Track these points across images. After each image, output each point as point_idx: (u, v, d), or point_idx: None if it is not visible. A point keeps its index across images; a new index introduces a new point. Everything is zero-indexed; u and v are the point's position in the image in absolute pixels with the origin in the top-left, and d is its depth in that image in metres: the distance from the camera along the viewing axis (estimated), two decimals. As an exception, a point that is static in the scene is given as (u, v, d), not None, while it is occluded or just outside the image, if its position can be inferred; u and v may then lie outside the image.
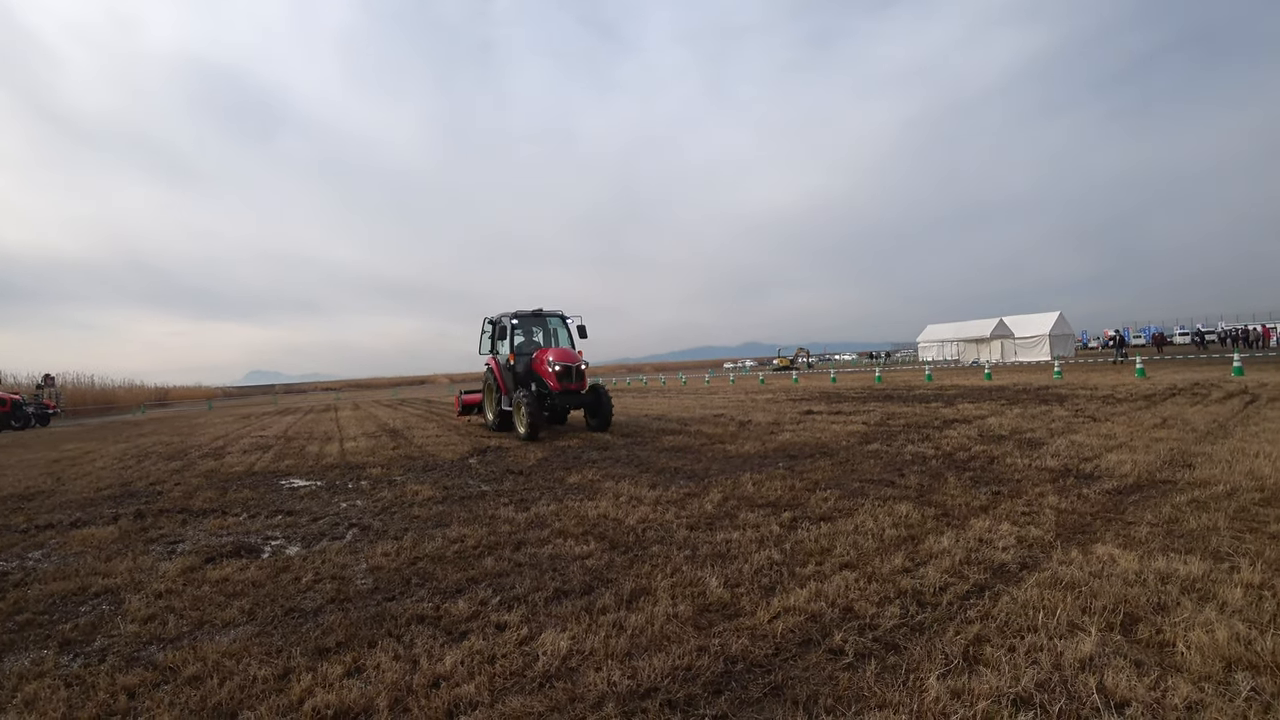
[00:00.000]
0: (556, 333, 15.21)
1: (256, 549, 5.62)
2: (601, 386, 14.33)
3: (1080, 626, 3.20)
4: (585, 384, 13.51)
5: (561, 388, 12.98)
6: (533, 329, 15.09)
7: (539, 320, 15.09)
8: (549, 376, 12.98)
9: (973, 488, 6.39)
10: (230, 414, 35.41)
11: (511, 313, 14.34)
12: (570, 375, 13.07)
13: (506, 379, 14.25)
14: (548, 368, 12.97)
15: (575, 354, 13.62)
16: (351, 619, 3.86)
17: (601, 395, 13.85)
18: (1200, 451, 7.54)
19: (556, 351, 13.44)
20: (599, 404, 13.76)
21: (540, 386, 13.39)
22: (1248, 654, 2.84)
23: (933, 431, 10.78)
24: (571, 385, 13.09)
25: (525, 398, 12.58)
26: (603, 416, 13.78)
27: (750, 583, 4.07)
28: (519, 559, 4.88)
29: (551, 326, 15.23)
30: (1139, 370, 22.44)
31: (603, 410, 13.76)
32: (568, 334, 14.95)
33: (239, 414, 34.84)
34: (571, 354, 13.53)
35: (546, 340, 15.18)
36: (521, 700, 2.82)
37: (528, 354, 14.06)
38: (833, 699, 2.70)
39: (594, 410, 14.04)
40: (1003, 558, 4.28)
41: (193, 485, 9.30)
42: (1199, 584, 3.65)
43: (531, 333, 15.05)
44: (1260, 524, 4.73)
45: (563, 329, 15.14)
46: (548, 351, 13.44)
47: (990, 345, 47.28)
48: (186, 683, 3.16)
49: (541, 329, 15.24)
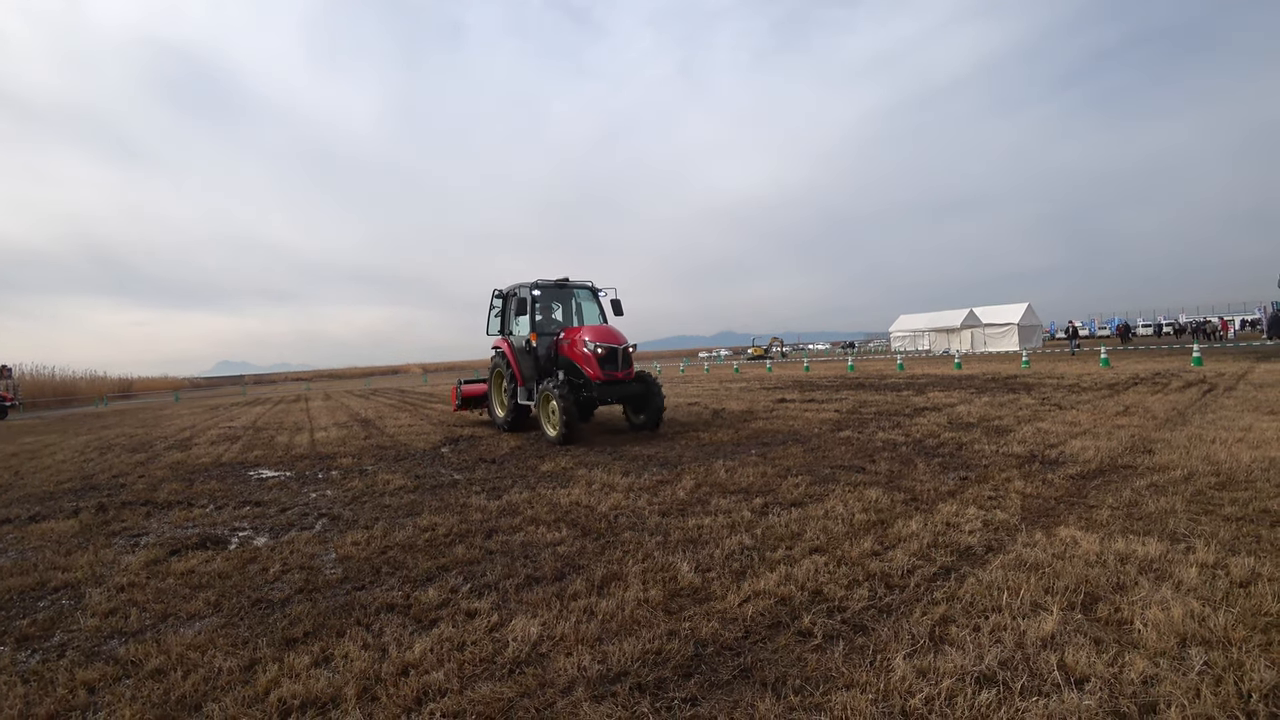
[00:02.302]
0: (581, 309, 12.64)
1: (223, 540, 5.53)
2: (650, 375, 11.44)
3: (1043, 606, 3.27)
4: (633, 371, 10.91)
5: (605, 376, 10.39)
6: (552, 304, 12.48)
7: (562, 293, 12.43)
8: (585, 361, 10.41)
9: (941, 473, 6.50)
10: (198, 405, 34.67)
11: (531, 283, 11.47)
12: (615, 360, 10.48)
13: (524, 365, 11.51)
14: (584, 350, 10.42)
15: (619, 334, 10.90)
16: (320, 609, 3.82)
17: (651, 386, 11.12)
18: (1160, 438, 7.73)
19: (596, 330, 10.82)
20: (649, 396, 11.11)
21: (571, 374, 10.78)
22: (1201, 630, 2.93)
23: (903, 419, 10.92)
24: (617, 373, 10.48)
25: (559, 389, 9.94)
26: (653, 412, 11.12)
27: (721, 567, 4.10)
28: (490, 547, 4.86)
29: (577, 301, 12.62)
30: (1103, 360, 22.94)
31: (653, 404, 11.10)
32: (598, 311, 12.31)
33: (207, 405, 34.14)
34: (616, 333, 10.85)
35: (567, 318, 12.62)
36: (491, 686, 2.81)
37: (552, 334, 11.53)
38: (801, 680, 2.73)
39: (641, 403, 11.40)
40: (969, 541, 4.36)
41: (158, 477, 9.10)
42: (1156, 564, 3.76)
43: (550, 309, 12.43)
44: (1215, 506, 4.88)
45: (591, 305, 12.49)
46: (582, 330, 10.86)
47: (961, 335, 48.00)
48: (149, 676, 3.10)
49: (563, 305, 12.64)
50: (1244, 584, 3.41)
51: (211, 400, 42.32)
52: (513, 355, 11.63)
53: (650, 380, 11.16)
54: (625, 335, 10.92)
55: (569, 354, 10.82)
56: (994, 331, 46.83)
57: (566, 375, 10.72)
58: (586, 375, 10.44)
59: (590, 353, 10.33)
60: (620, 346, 10.53)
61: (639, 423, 11.46)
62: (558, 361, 11.15)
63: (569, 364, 10.84)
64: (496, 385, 13.06)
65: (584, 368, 10.46)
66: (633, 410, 11.70)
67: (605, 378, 10.37)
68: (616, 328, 11.31)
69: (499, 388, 12.98)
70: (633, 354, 10.90)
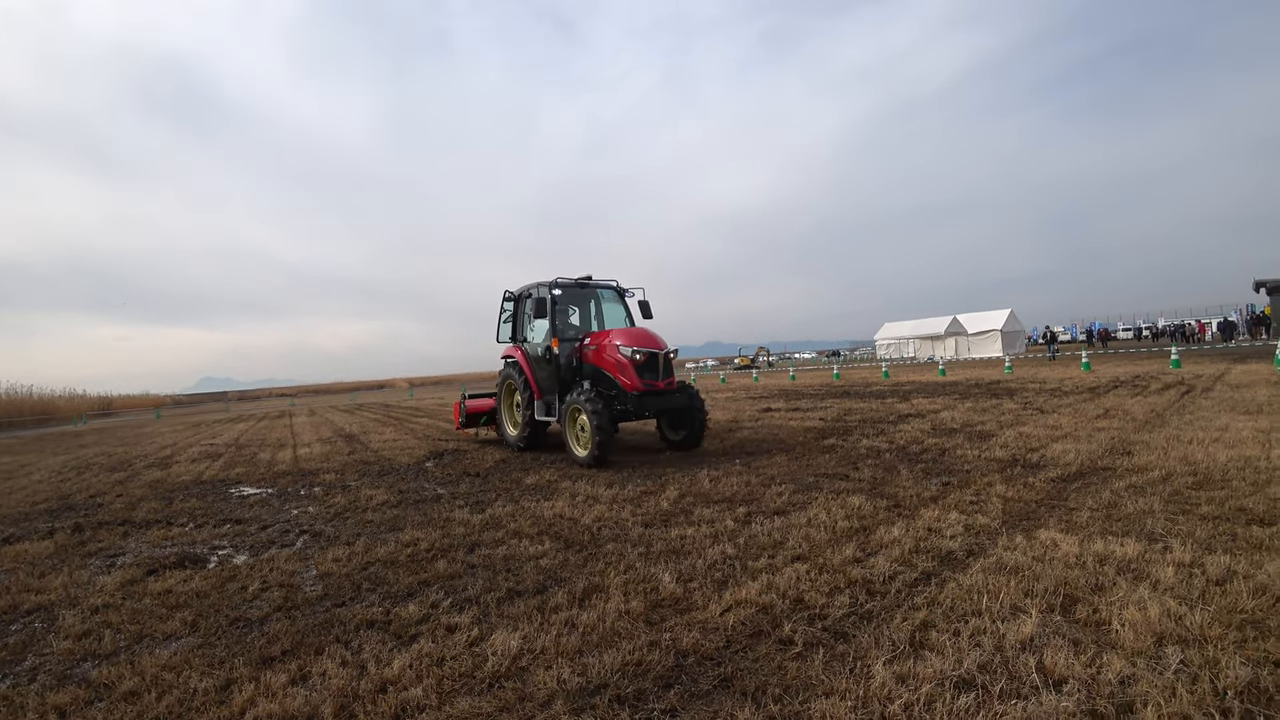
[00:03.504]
0: (603, 313, 11.21)
1: (202, 559, 5.45)
2: (690, 385, 10.09)
3: (1022, 609, 3.28)
4: (675, 380, 9.61)
5: (644, 386, 9.02)
6: (569, 307, 10.99)
7: (584, 294, 11.00)
8: (618, 369, 9.07)
9: (924, 479, 6.53)
10: (180, 422, 34.23)
11: (550, 281, 10.12)
12: (656, 368, 9.19)
13: (541, 375, 10.26)
14: (618, 356, 9.06)
15: (658, 337, 9.51)
16: (299, 626, 3.77)
17: (695, 398, 9.70)
18: (1139, 440, 7.82)
19: (630, 333, 9.44)
20: (691, 410, 9.70)
21: (599, 384, 9.37)
22: (1178, 629, 2.95)
23: (887, 426, 10.97)
24: (658, 382, 9.14)
25: (591, 403, 8.59)
26: (695, 427, 9.71)
27: (703, 577, 4.08)
28: (473, 561, 4.82)
29: (600, 303, 11.21)
30: (1084, 364, 23.21)
31: (695, 418, 9.69)
32: (624, 314, 11.02)
33: (189, 422, 33.72)
34: (654, 336, 9.46)
35: (585, 322, 11.19)
36: (470, 701, 2.78)
37: (573, 339, 10.19)
38: (780, 689, 2.72)
39: (682, 418, 9.98)
40: (950, 546, 4.38)
41: (136, 496, 8.96)
42: (1134, 564, 3.78)
43: (567, 312, 10.96)
44: (1192, 506, 4.93)
45: (615, 307, 11.13)
46: (613, 334, 9.45)
47: (945, 342, 48.40)
48: (122, 698, 3.04)
49: (581, 307, 11.20)
50: (1220, 582, 3.44)
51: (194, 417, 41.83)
52: (528, 364, 10.45)
53: (692, 391, 9.74)
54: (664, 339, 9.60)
55: (596, 361, 9.50)
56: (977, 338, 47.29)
57: (591, 385, 9.28)
58: (620, 385, 9.06)
59: (627, 359, 8.99)
60: (662, 352, 9.25)
61: (677, 440, 10.04)
62: (582, 370, 9.87)
63: (596, 373, 9.53)
64: (507, 399, 11.70)
65: (617, 377, 9.09)
66: (669, 425, 10.31)
67: (644, 388, 9.01)
68: (653, 330, 9.85)
69: (510, 402, 11.67)
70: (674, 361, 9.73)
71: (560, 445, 10.64)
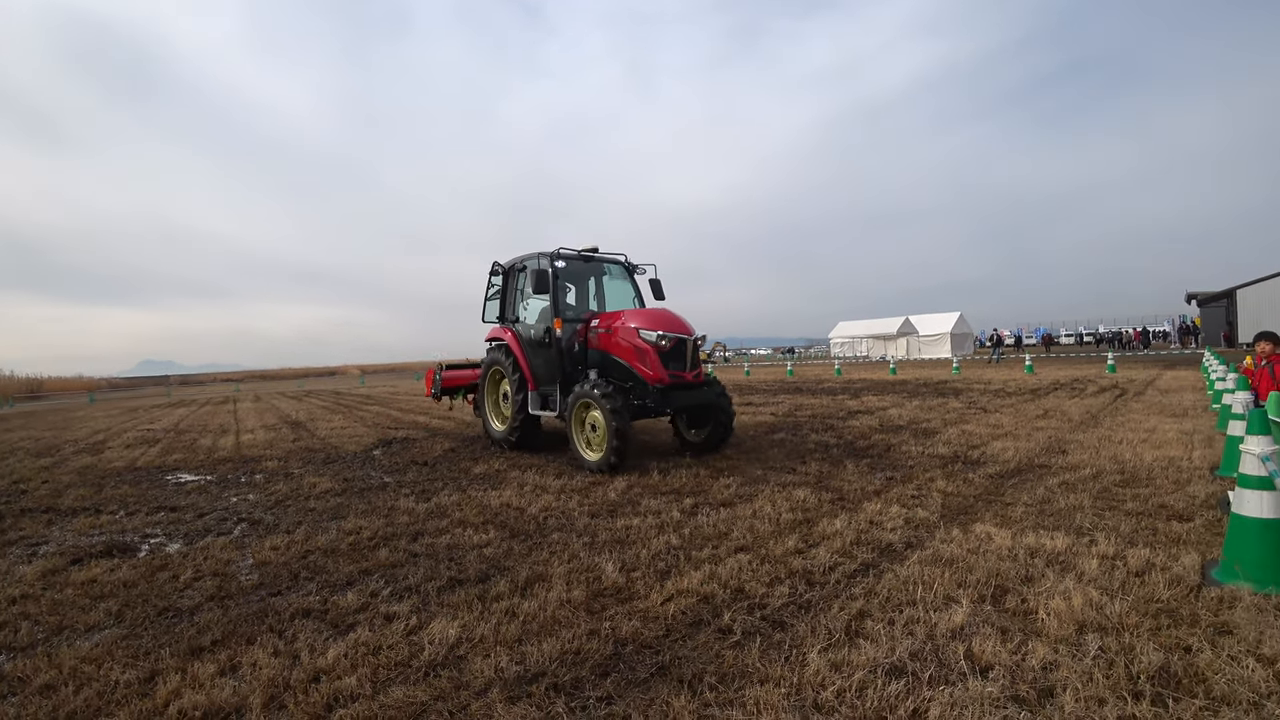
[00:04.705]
0: (604, 291, 9.59)
1: (132, 548, 5.24)
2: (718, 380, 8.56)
3: (954, 599, 3.37)
4: (703, 372, 8.23)
5: (670, 378, 7.59)
6: (565, 285, 9.19)
7: (587, 268, 9.36)
8: (636, 357, 7.61)
9: (869, 473, 6.66)
10: (116, 407, 32.81)
11: (551, 252, 8.47)
12: (683, 356, 7.77)
13: (537, 362, 8.70)
14: (637, 341, 7.60)
15: (683, 319, 8.07)
16: (231, 616, 3.67)
17: (723, 394, 8.31)
18: (1073, 439, 8.12)
19: (650, 314, 7.99)
20: (719, 406, 8.24)
21: (615, 375, 7.88)
22: (1098, 617, 3.06)
23: (837, 422, 11.16)
24: (684, 373, 7.74)
25: (609, 398, 7.13)
26: (721, 425, 8.32)
27: (646, 567, 4.09)
28: (415, 549, 4.75)
29: (605, 280, 9.61)
30: (1028, 366, 24.01)
31: (724, 415, 8.27)
32: (633, 294, 9.41)
33: (126, 407, 32.36)
34: (679, 319, 8.01)
35: (583, 302, 9.46)
36: (404, 690, 2.74)
37: (577, 320, 8.64)
38: (717, 676, 2.74)
39: (706, 415, 8.47)
40: (890, 538, 4.47)
41: (63, 483, 8.57)
42: (1062, 557, 3.92)
43: (564, 290, 9.16)
44: (1118, 502, 5.14)
45: (623, 285, 9.49)
46: (627, 315, 8.01)
47: (897, 342, 49.52)
48: (37, 693, 2.89)
49: (578, 286, 9.49)
50: (1139, 573, 3.59)
51: (131, 402, 40.18)
52: (520, 349, 8.85)
53: (720, 386, 8.38)
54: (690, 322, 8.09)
55: (606, 346, 8.03)
56: (928, 339, 48.48)
57: (602, 374, 7.86)
58: (639, 376, 7.61)
59: (649, 345, 7.52)
60: (690, 337, 7.83)
61: (696, 440, 8.55)
62: (587, 358, 8.39)
63: (605, 361, 8.06)
64: (492, 389, 9.95)
65: (635, 366, 7.63)
66: (691, 424, 8.76)
67: (670, 380, 7.58)
68: (676, 311, 8.29)
69: (495, 393, 9.95)
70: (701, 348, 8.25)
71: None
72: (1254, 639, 2.79)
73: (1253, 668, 2.56)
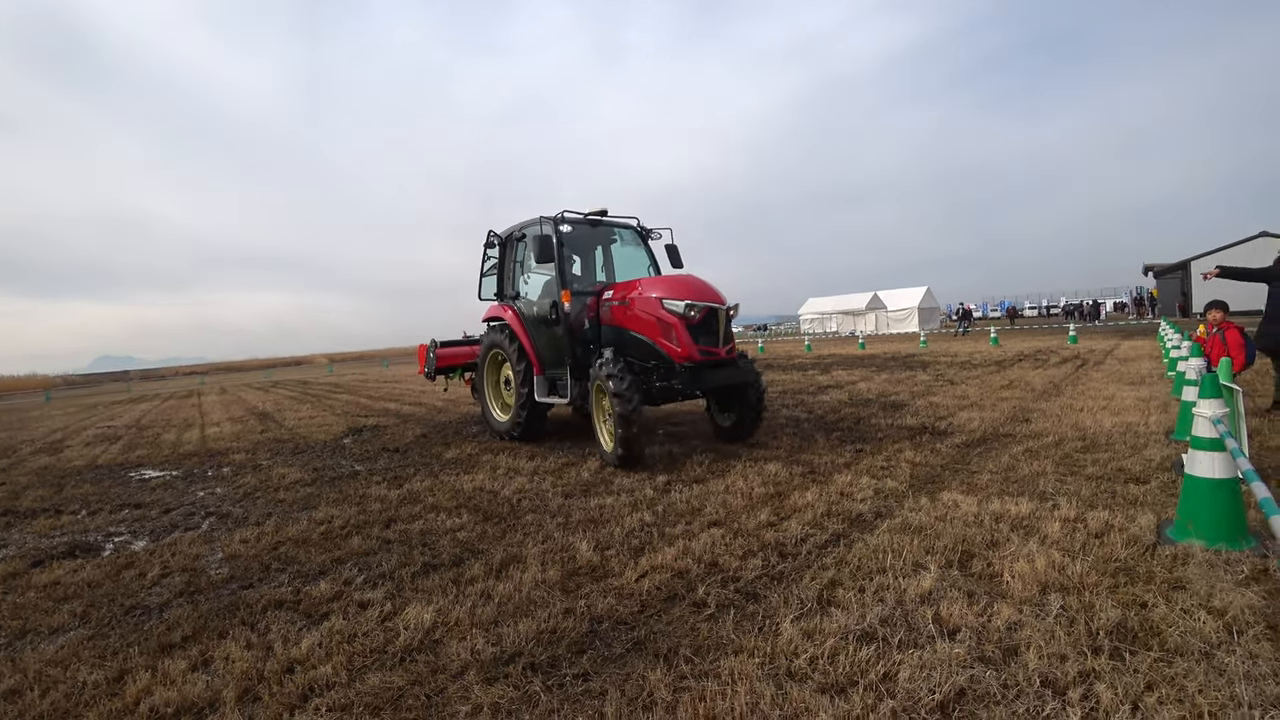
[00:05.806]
0: (613, 262, 8.67)
1: (95, 547, 5.10)
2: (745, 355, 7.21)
3: (923, 565, 3.44)
4: (735, 348, 7.10)
5: (701, 354, 6.51)
6: (570, 255, 8.04)
7: (597, 234, 8.35)
8: (659, 331, 6.54)
9: (839, 446, 6.75)
10: (74, 405, 31.86)
11: (554, 215, 7.47)
12: (715, 329, 6.67)
13: (542, 342, 7.73)
14: (663, 313, 6.50)
15: (713, 287, 6.87)
16: (201, 611, 3.60)
17: (753, 371, 7.05)
18: (1037, 408, 8.31)
19: (673, 282, 6.83)
20: (750, 387, 7.08)
21: (634, 353, 6.82)
22: (1060, 578, 3.15)
23: (807, 396, 11.29)
24: (716, 349, 6.65)
25: (615, 379, 6.15)
26: (752, 409, 7.18)
27: (620, 545, 4.12)
28: (388, 536, 4.72)
29: (616, 248, 8.61)
30: (993, 339, 24.49)
31: (754, 396, 7.12)
32: (648, 263, 8.31)
33: (84, 404, 31.43)
34: (708, 286, 6.83)
35: (589, 275, 8.50)
36: (381, 676, 2.73)
37: (587, 293, 7.63)
38: (692, 649, 2.77)
39: (737, 396, 7.28)
40: (860, 508, 4.55)
41: (21, 484, 8.30)
42: (1026, 521, 4.03)
43: (570, 260, 7.95)
44: (1079, 467, 5.28)
45: (637, 252, 8.40)
46: (645, 283, 6.89)
47: (865, 317, 50.09)
48: (1, 698, 2.82)
49: (584, 255, 8.50)
50: (1099, 535, 3.70)
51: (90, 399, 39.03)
52: (523, 328, 7.85)
53: (750, 363, 7.13)
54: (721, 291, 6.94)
55: (623, 321, 6.96)
56: (896, 314, 49.11)
57: (615, 353, 6.59)
58: (664, 353, 6.55)
59: (676, 317, 6.45)
60: (722, 307, 6.72)
61: (727, 425, 7.51)
62: (600, 335, 7.37)
63: (620, 337, 7.00)
64: (492, 374, 8.93)
65: (659, 342, 6.55)
66: (721, 405, 7.66)
67: (701, 357, 6.51)
68: (703, 278, 7.02)
69: (496, 379, 8.95)
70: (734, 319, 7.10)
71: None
72: (1205, 593, 2.90)
73: (1204, 620, 2.66)
